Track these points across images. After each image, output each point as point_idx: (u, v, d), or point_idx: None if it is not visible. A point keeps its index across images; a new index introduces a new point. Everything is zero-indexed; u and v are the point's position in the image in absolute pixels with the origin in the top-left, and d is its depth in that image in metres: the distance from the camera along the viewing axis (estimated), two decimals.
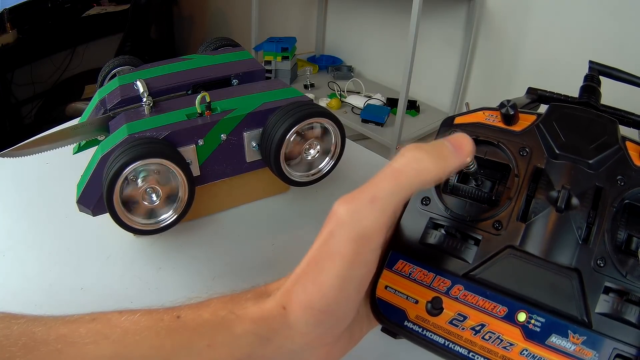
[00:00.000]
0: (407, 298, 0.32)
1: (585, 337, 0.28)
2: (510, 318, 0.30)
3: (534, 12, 1.41)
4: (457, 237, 0.33)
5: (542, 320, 0.29)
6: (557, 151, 0.33)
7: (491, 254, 0.31)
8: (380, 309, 0.32)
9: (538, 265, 0.30)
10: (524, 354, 0.29)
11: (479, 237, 0.32)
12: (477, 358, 0.30)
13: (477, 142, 0.35)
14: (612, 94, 0.45)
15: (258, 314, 0.24)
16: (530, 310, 0.30)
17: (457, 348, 0.31)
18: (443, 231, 0.33)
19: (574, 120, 0.34)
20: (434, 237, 0.33)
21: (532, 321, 0.29)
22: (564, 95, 0.39)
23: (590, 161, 0.32)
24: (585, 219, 0.30)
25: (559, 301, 0.29)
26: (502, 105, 0.35)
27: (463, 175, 0.36)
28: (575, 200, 0.31)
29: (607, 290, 0.29)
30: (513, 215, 0.32)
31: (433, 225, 0.34)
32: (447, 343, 0.31)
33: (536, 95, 0.41)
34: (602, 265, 0.29)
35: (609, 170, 0.32)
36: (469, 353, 0.30)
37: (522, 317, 0.30)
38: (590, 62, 0.39)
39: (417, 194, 0.34)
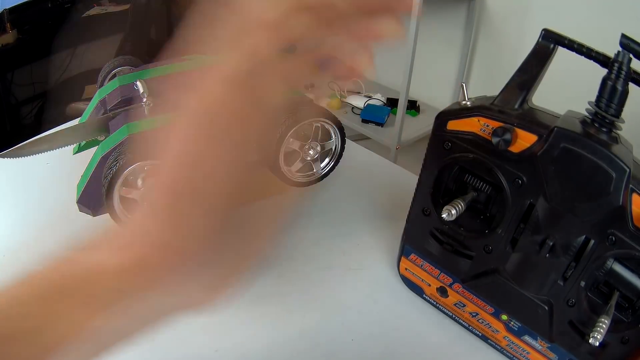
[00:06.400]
0: (422, 280, 0.41)
1: (549, 345, 0.35)
2: (496, 315, 0.37)
3: (534, 13, 1.41)
4: (452, 252, 0.38)
5: (519, 324, 0.36)
6: (552, 196, 0.30)
7: (480, 272, 0.37)
8: (405, 283, 0.42)
9: (518, 291, 0.35)
10: (506, 339, 0.37)
11: (472, 254, 0.37)
12: (475, 331, 0.39)
13: (472, 160, 0.34)
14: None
15: None
16: (510, 316, 0.37)
17: (461, 321, 0.40)
18: (441, 245, 0.38)
19: (579, 162, 0.29)
20: (434, 248, 0.39)
21: (512, 323, 0.36)
22: (587, 47, 0.31)
23: (585, 217, 0.30)
24: (566, 266, 0.32)
25: (530, 321, 0.35)
26: (495, 134, 0.31)
27: (461, 184, 0.37)
28: (560, 249, 0.31)
29: (571, 324, 0.33)
30: (502, 243, 0.34)
31: (433, 236, 0.39)
32: (454, 316, 0.40)
33: (552, 41, 0.35)
34: (571, 305, 0.32)
35: (601, 224, 0.29)
36: (469, 326, 0.39)
37: (504, 317, 0.37)
38: (623, 35, 0.30)
39: (418, 204, 0.39)
